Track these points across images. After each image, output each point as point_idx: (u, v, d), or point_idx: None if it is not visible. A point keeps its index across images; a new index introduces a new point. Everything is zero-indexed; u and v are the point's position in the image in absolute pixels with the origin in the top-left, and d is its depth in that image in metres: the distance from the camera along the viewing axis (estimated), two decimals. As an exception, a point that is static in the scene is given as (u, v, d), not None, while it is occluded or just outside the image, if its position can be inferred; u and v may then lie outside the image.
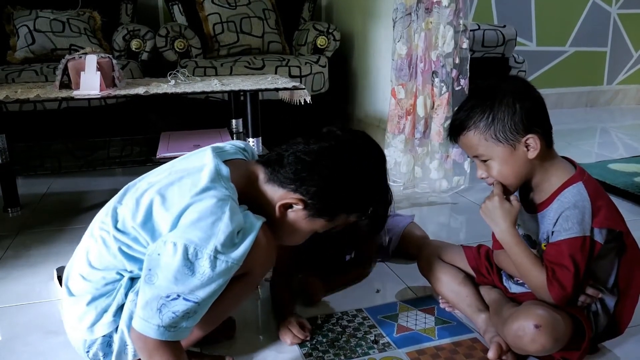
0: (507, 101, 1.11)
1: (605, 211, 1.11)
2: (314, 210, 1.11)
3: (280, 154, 1.13)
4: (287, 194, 1.10)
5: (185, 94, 2.10)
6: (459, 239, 1.93)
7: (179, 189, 1.04)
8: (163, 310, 0.96)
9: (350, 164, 1.13)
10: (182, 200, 1.01)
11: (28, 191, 2.39)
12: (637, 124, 4.06)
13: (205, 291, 0.97)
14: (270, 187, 1.12)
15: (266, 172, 1.12)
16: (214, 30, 3.24)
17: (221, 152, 1.14)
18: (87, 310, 1.07)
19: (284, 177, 1.10)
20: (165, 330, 0.97)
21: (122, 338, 1.06)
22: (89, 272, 1.08)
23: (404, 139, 2.43)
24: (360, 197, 1.16)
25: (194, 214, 0.98)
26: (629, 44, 4.58)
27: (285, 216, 1.13)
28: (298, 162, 1.10)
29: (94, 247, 1.09)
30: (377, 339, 1.29)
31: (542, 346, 1.07)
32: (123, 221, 1.06)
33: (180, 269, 0.95)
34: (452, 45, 2.23)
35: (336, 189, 1.11)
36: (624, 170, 2.62)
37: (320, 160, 1.10)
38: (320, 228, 1.16)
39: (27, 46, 2.98)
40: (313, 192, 1.09)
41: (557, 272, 1.09)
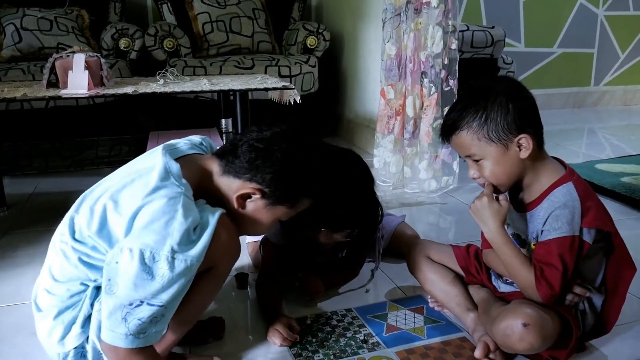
0: (500, 101, 1.11)
1: (595, 211, 1.12)
2: (273, 198, 1.09)
3: (234, 144, 1.11)
4: (244, 184, 1.08)
5: (174, 94, 2.09)
6: (448, 238, 1.94)
7: (130, 192, 1.02)
8: (128, 318, 0.94)
9: (303, 146, 1.11)
10: (134, 203, 0.99)
11: (15, 191, 2.36)
12: (624, 124, 4.10)
13: (169, 293, 0.95)
14: (226, 179, 1.10)
15: (221, 164, 1.10)
16: (204, 30, 3.22)
17: (173, 150, 1.12)
18: (54, 324, 1.06)
19: (239, 167, 1.08)
20: (134, 338, 0.95)
21: (94, 348, 1.05)
22: (52, 285, 1.07)
23: (393, 139, 2.44)
24: (319, 178, 1.14)
25: (146, 216, 0.97)
26: (615, 45, 4.63)
27: (245, 207, 1.11)
28: (251, 150, 1.08)
29: (56, 259, 1.07)
30: (366, 339, 1.29)
31: (530, 345, 1.08)
32: (80, 230, 1.04)
33: (138, 274, 0.93)
34: (441, 45, 2.24)
35: (292, 172, 1.09)
36: (611, 171, 2.65)
37: (273, 145, 1.08)
38: (283, 216, 1.15)
39: (14, 44, 2.95)
40: (269, 179, 1.07)
41: (546, 271, 1.10)
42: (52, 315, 1.06)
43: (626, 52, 4.69)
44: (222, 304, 1.46)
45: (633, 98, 4.84)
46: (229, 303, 1.47)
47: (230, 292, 1.54)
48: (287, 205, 1.12)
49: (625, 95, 4.81)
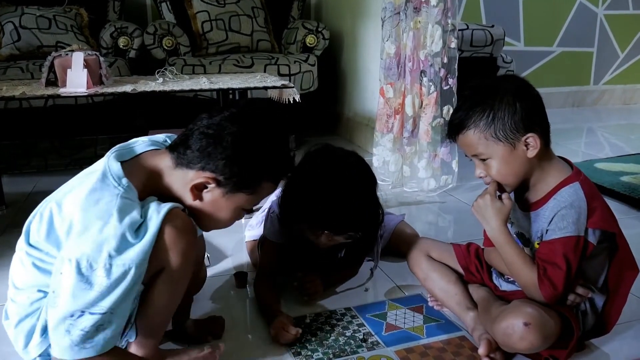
0: (507, 100, 1.10)
1: (600, 212, 1.11)
2: (229, 186, 1.03)
3: (186, 134, 1.05)
4: (197, 174, 1.02)
5: (173, 92, 2.08)
6: (447, 237, 1.93)
7: (73, 195, 0.99)
8: (71, 330, 0.91)
9: (255, 126, 1.05)
10: (74, 209, 0.96)
11: (14, 190, 2.36)
12: (623, 124, 4.10)
13: (110, 300, 0.92)
14: (179, 172, 1.04)
15: (172, 157, 1.04)
16: (203, 28, 3.22)
17: (123, 151, 1.06)
18: (16, 333, 1.05)
19: (191, 157, 1.02)
20: (80, 349, 0.92)
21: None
22: (14, 293, 1.06)
23: (392, 138, 2.44)
24: (275, 159, 1.08)
25: (82, 222, 0.94)
26: (615, 44, 4.63)
27: (202, 199, 1.05)
28: (202, 137, 1.02)
29: (14, 267, 1.06)
30: (365, 338, 1.29)
31: (531, 344, 1.08)
32: (33, 236, 1.03)
33: (76, 284, 0.91)
34: (441, 44, 2.24)
35: (245, 156, 1.02)
36: (610, 170, 2.65)
37: (223, 129, 1.02)
38: (245, 203, 1.08)
39: (12, 43, 2.94)
40: (222, 165, 1.01)
41: (549, 270, 1.10)
42: (14, 323, 1.05)
43: (625, 51, 4.69)
44: (222, 303, 1.46)
45: (632, 97, 4.84)
46: (228, 302, 1.47)
47: (230, 291, 1.53)
48: (247, 192, 1.06)
49: (625, 94, 4.81)
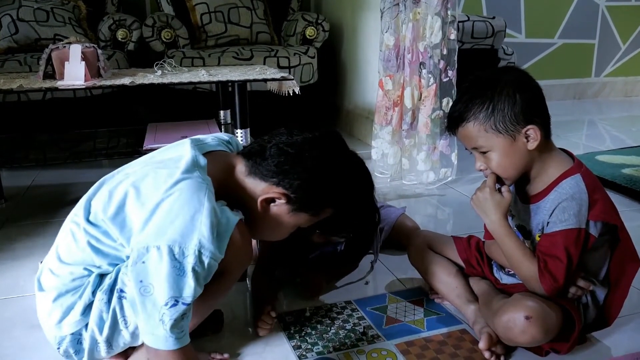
0: (507, 92, 1.09)
1: (602, 204, 1.11)
2: (297, 205, 1.08)
3: (263, 146, 1.09)
4: (270, 188, 1.06)
5: (172, 85, 2.07)
6: (447, 230, 1.93)
7: (153, 181, 1.00)
8: (165, 319, 0.93)
9: (334, 155, 1.10)
10: (157, 194, 0.97)
11: (12, 183, 2.35)
12: (624, 116, 4.08)
13: (197, 290, 0.94)
14: (251, 180, 1.08)
15: (247, 164, 1.08)
16: (202, 20, 3.20)
17: (201, 145, 1.10)
18: (53, 307, 1.04)
19: (266, 170, 1.06)
20: (175, 340, 0.94)
21: (92, 336, 1.03)
22: (57, 266, 1.05)
23: (391, 130, 2.43)
24: (346, 189, 1.13)
25: (170, 209, 0.94)
26: (617, 36, 4.60)
27: (268, 211, 1.09)
28: (281, 154, 1.06)
29: (64, 240, 1.06)
30: (366, 331, 1.29)
31: (532, 337, 1.08)
32: (95, 213, 1.02)
33: (170, 272, 0.92)
34: (440, 36, 2.22)
35: (320, 181, 1.07)
36: (612, 162, 2.64)
37: (304, 152, 1.06)
38: (304, 223, 1.13)
39: (10, 36, 2.92)
40: (297, 185, 1.05)
41: (549, 263, 1.09)
42: (52, 297, 1.05)
43: (627, 43, 4.67)
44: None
45: (634, 89, 4.82)
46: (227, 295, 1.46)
47: (229, 285, 1.53)
48: (311, 213, 1.11)
49: (626, 87, 4.79)
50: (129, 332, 1.03)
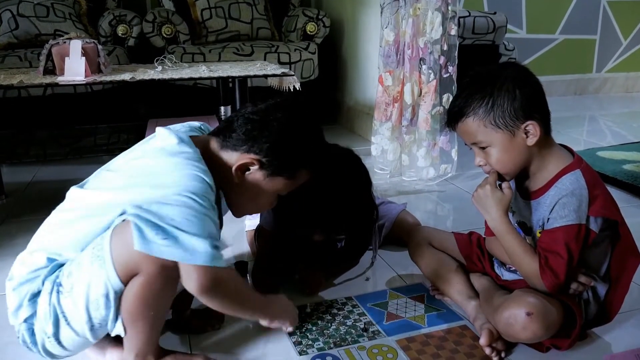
0: (507, 87, 1.09)
1: (602, 200, 1.10)
2: (272, 168, 1.10)
3: (229, 120, 1.12)
4: (242, 156, 1.09)
5: (172, 81, 2.07)
6: (447, 226, 1.93)
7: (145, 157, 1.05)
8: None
9: (299, 115, 1.12)
10: (159, 161, 1.03)
11: (13, 179, 2.35)
12: (625, 112, 4.08)
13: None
14: (224, 153, 1.10)
15: (218, 140, 1.11)
16: (202, 16, 3.19)
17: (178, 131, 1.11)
18: (12, 295, 1.06)
19: (236, 140, 1.09)
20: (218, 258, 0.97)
21: (41, 329, 1.03)
22: (25, 255, 1.08)
23: (390, 126, 2.42)
24: (316, 148, 1.15)
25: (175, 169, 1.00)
26: (618, 32, 4.59)
27: (245, 180, 1.11)
28: (247, 122, 1.09)
29: (40, 230, 1.11)
30: (366, 327, 1.29)
31: (534, 333, 1.08)
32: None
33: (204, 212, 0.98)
34: (440, 31, 2.21)
35: (289, 141, 1.10)
36: (613, 158, 2.63)
37: (269, 116, 1.09)
38: (282, 188, 1.14)
39: (10, 31, 2.92)
40: (266, 148, 1.08)
41: (550, 259, 1.09)
42: (13, 285, 1.06)
43: (629, 39, 4.66)
44: (222, 292, 1.46)
45: (635, 85, 4.81)
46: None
47: (230, 281, 1.53)
48: (286, 176, 1.12)
49: (627, 82, 4.78)
50: (73, 330, 1.01)
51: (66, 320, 1.01)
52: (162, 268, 0.95)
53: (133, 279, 0.97)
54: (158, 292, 0.99)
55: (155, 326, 1.04)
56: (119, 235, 0.96)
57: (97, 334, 1.02)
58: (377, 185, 2.31)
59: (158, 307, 1.02)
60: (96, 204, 1.04)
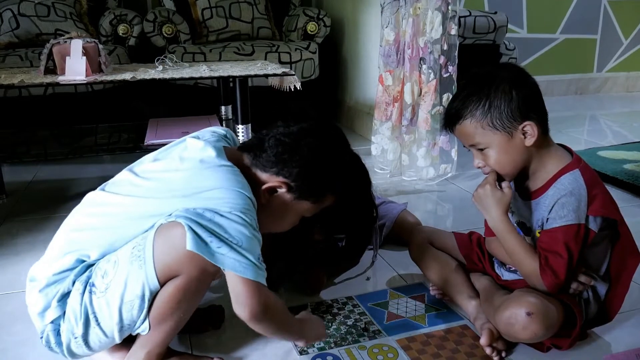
0: (503, 88, 1.09)
1: (601, 199, 1.10)
2: (298, 192, 1.10)
3: (261, 139, 1.11)
4: (270, 178, 1.09)
5: (173, 80, 2.07)
6: (447, 226, 1.93)
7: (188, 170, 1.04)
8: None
9: (330, 141, 1.13)
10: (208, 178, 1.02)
11: (14, 179, 2.35)
12: (626, 111, 4.07)
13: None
14: (254, 171, 1.10)
15: (248, 157, 1.11)
16: (203, 16, 3.19)
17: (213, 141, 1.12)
18: (38, 296, 1.05)
19: (266, 161, 1.08)
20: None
21: (69, 329, 1.03)
22: (53, 257, 1.07)
23: (390, 126, 2.42)
24: (343, 174, 1.15)
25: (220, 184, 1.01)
26: (619, 31, 4.59)
27: (271, 201, 1.11)
28: (279, 144, 1.08)
29: (66, 228, 1.09)
30: (367, 327, 1.29)
31: (534, 333, 1.08)
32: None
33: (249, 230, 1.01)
34: (440, 31, 2.21)
35: (319, 167, 1.10)
36: (613, 158, 2.63)
37: (300, 140, 1.09)
38: (307, 211, 1.15)
39: (11, 31, 2.92)
40: (296, 173, 1.08)
41: (550, 259, 1.09)
42: (40, 287, 1.05)
43: (629, 38, 4.65)
44: (222, 292, 1.46)
45: (635, 85, 4.81)
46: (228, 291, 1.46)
47: (230, 280, 1.53)
48: (312, 200, 1.12)
49: (628, 82, 4.78)
50: (102, 331, 1.02)
51: (97, 320, 1.01)
52: (203, 272, 0.98)
53: (171, 280, 0.98)
54: (192, 295, 1.01)
55: (177, 328, 1.06)
56: (163, 235, 0.97)
57: (123, 335, 1.04)
58: (378, 184, 2.31)
59: (187, 309, 1.04)
60: (137, 210, 1.03)
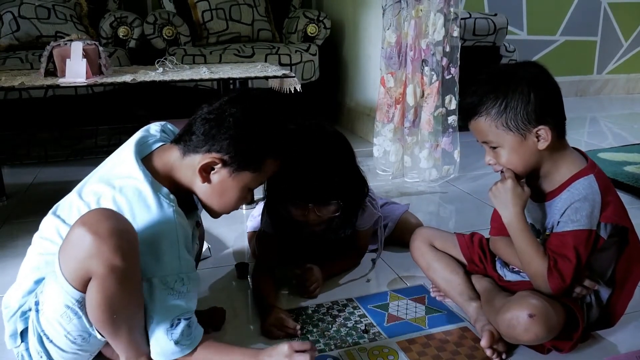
0: (521, 89, 1.08)
1: (614, 207, 1.10)
2: (235, 164, 1.07)
3: (189, 124, 1.11)
4: (204, 157, 1.07)
5: (173, 82, 2.06)
6: (449, 228, 1.92)
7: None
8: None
9: (254, 106, 1.10)
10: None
11: (14, 181, 2.35)
12: (626, 113, 4.07)
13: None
14: (188, 159, 1.08)
15: (180, 148, 1.09)
16: (203, 18, 3.19)
17: (141, 147, 1.11)
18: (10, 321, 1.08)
19: (196, 142, 1.07)
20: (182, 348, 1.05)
21: (34, 348, 1.05)
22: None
23: (393, 127, 2.42)
24: (277, 135, 1.12)
25: (146, 245, 0.99)
26: (619, 33, 4.59)
27: (210, 181, 1.09)
28: (204, 122, 1.07)
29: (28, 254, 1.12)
30: (367, 329, 1.29)
31: (536, 335, 1.07)
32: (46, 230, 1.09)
33: (167, 298, 1.03)
34: (443, 33, 2.22)
35: (247, 134, 1.07)
36: (614, 159, 2.63)
37: (224, 112, 1.07)
38: (251, 182, 1.12)
39: (11, 33, 2.92)
40: (226, 145, 1.06)
41: (559, 262, 1.09)
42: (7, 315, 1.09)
43: (629, 40, 4.65)
44: (223, 293, 1.46)
45: (636, 86, 4.81)
46: (229, 293, 1.47)
47: (231, 282, 1.53)
48: (252, 169, 1.09)
49: (628, 84, 4.78)
50: (57, 347, 1.02)
51: (48, 338, 1.02)
52: (112, 269, 0.92)
53: (89, 286, 0.95)
54: (115, 294, 0.95)
55: (132, 329, 1.02)
56: (65, 241, 0.96)
57: (85, 347, 1.04)
58: (380, 186, 2.31)
59: (121, 309, 0.98)
60: None
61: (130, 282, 0.96)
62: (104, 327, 0.99)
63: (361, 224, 1.52)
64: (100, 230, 0.91)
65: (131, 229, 0.96)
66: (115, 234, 0.92)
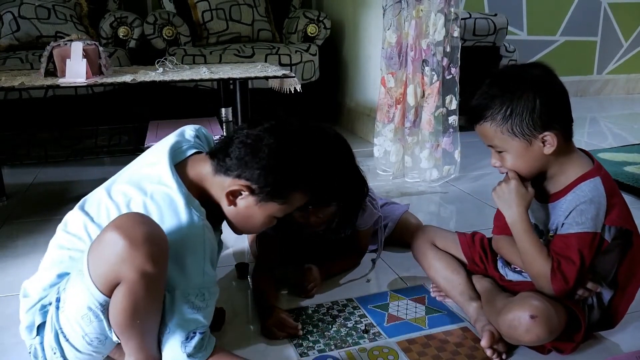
0: (527, 95, 1.07)
1: (619, 209, 1.10)
2: (262, 195, 1.07)
3: (226, 142, 1.10)
4: (233, 182, 1.07)
5: (173, 82, 2.07)
6: (450, 228, 1.91)
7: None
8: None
9: (292, 140, 1.09)
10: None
11: (14, 181, 2.35)
12: (626, 113, 4.08)
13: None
14: (218, 178, 1.08)
15: (213, 164, 1.09)
16: (203, 18, 3.19)
17: (177, 152, 1.12)
18: (25, 316, 1.08)
19: (229, 165, 1.07)
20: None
21: (49, 343, 1.04)
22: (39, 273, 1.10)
23: (393, 128, 2.42)
24: (309, 172, 1.12)
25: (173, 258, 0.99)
26: (619, 33, 4.59)
27: (236, 205, 1.10)
28: (240, 147, 1.07)
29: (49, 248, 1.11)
30: (367, 329, 1.29)
31: (537, 336, 1.07)
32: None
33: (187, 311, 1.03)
34: (443, 33, 2.22)
35: (279, 168, 1.06)
36: (614, 160, 2.63)
37: (261, 141, 1.06)
38: (277, 212, 1.12)
39: (11, 33, 2.92)
40: (257, 175, 1.05)
41: (563, 264, 1.08)
42: (27, 306, 1.08)
43: (629, 41, 4.66)
44: (223, 294, 1.45)
45: (636, 87, 4.81)
46: (229, 293, 1.47)
47: (231, 282, 1.53)
48: (279, 202, 1.10)
49: (628, 84, 4.78)
50: (72, 346, 1.02)
51: (64, 336, 1.02)
52: (142, 275, 0.92)
53: (116, 290, 0.95)
54: (141, 300, 0.95)
55: (147, 333, 1.02)
56: (96, 244, 0.96)
57: (100, 349, 1.04)
58: (380, 186, 2.31)
59: (144, 315, 0.98)
60: None
61: (157, 289, 0.98)
62: (124, 331, 0.99)
63: (361, 224, 1.52)
64: (134, 235, 0.91)
65: (163, 235, 0.96)
66: (149, 240, 0.92)
